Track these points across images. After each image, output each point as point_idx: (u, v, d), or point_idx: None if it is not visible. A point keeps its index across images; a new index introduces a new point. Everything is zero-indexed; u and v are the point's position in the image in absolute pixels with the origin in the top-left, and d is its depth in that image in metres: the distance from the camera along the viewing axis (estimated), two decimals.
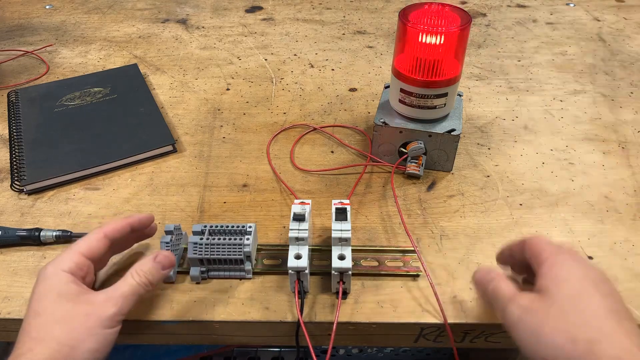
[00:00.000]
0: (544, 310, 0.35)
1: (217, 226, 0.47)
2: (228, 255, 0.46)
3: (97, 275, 0.48)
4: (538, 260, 0.38)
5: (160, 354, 0.90)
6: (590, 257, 0.50)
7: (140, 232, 0.48)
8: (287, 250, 0.45)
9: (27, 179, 0.58)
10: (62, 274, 0.41)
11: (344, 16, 1.00)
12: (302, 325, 0.43)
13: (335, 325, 0.43)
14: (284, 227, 0.54)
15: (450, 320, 0.45)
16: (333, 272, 0.44)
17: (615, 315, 0.34)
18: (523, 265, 0.42)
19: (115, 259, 0.50)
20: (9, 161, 0.62)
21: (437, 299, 0.46)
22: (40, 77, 0.80)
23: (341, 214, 0.47)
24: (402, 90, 0.57)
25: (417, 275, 0.48)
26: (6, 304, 0.46)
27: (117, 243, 0.46)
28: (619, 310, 0.35)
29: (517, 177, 0.60)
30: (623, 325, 0.33)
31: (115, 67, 0.82)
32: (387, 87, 0.64)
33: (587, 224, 0.54)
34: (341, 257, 0.44)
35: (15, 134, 0.66)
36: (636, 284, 0.48)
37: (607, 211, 0.56)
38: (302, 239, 0.45)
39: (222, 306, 0.46)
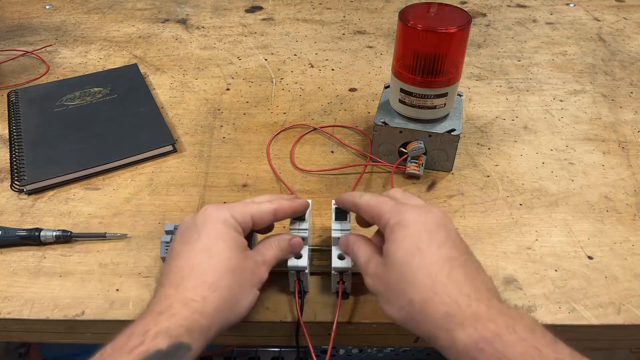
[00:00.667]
0: (387, 276, 0.36)
1: None
2: None
3: None
4: (381, 223, 0.39)
5: None
6: (590, 257, 0.51)
7: None
8: None
9: (27, 179, 0.58)
10: (236, 223, 0.40)
11: (344, 16, 1.00)
12: (302, 325, 0.43)
13: (335, 325, 0.43)
14: (284, 227, 0.54)
15: None
16: (333, 272, 0.44)
17: (447, 266, 0.35)
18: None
19: None
20: (9, 161, 0.62)
21: None
22: (40, 77, 0.80)
23: (341, 214, 0.47)
24: (402, 90, 0.57)
25: None
26: (6, 304, 0.46)
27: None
28: (452, 257, 0.35)
29: (517, 177, 0.60)
30: (453, 275, 0.34)
31: (115, 67, 0.82)
32: (387, 87, 0.64)
33: (587, 224, 0.54)
34: (341, 257, 0.44)
35: (15, 134, 0.66)
36: (636, 284, 0.48)
37: (607, 211, 0.56)
38: (302, 239, 0.45)
39: None
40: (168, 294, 0.36)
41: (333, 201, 0.48)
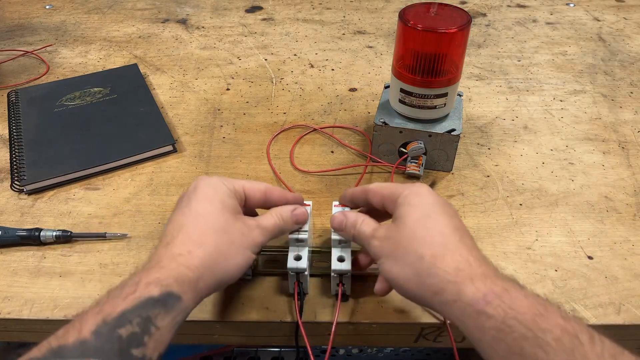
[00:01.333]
0: (398, 235, 0.39)
1: None
2: None
3: None
4: (393, 199, 0.41)
5: None
6: (590, 257, 0.51)
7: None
8: (287, 251, 0.45)
9: (27, 179, 0.58)
10: (226, 187, 0.42)
11: (344, 16, 1.00)
12: (301, 326, 0.43)
13: (334, 326, 0.43)
14: None
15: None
16: (333, 274, 0.44)
17: (458, 233, 0.38)
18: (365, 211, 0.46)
19: None
20: (9, 161, 0.62)
21: None
22: (40, 77, 0.80)
23: None
24: (402, 90, 0.57)
25: None
26: (6, 304, 0.46)
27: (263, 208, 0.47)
28: (461, 228, 0.39)
29: (517, 177, 0.60)
30: (464, 241, 0.38)
31: (115, 67, 0.82)
32: (387, 87, 0.64)
33: (587, 224, 0.54)
34: (341, 259, 0.44)
35: (15, 134, 0.66)
36: (636, 283, 0.48)
37: (607, 211, 0.56)
38: (302, 240, 0.45)
39: (222, 306, 0.46)
40: (159, 252, 0.38)
41: (334, 202, 0.48)
